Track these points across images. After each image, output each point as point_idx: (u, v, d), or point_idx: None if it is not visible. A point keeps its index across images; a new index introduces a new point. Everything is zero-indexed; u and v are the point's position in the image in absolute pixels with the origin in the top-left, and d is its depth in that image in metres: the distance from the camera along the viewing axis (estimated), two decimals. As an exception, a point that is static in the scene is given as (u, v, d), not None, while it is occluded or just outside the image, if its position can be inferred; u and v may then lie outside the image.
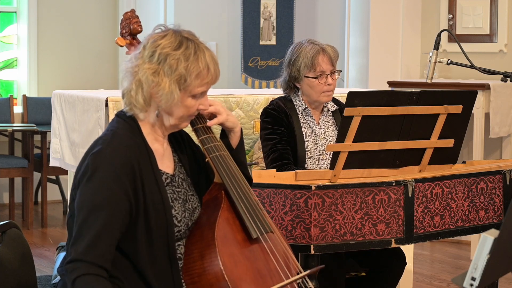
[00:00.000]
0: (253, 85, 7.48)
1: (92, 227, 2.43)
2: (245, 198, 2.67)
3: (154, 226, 2.53)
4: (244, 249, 2.61)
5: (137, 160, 2.52)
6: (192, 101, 2.57)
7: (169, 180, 2.64)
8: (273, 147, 3.94)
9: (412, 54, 7.04)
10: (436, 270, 5.89)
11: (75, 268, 2.41)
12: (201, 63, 2.54)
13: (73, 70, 8.32)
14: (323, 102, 4.01)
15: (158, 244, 2.55)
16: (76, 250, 2.43)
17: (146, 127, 2.60)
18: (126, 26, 3.27)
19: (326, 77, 3.95)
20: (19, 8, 8.19)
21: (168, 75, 2.52)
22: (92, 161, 2.48)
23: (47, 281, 5.36)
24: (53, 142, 4.69)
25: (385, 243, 3.39)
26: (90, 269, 2.41)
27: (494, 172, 3.74)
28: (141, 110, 2.58)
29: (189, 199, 2.68)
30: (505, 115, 6.37)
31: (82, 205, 2.47)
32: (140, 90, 2.54)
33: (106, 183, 2.46)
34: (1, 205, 7.98)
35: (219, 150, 2.69)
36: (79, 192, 2.49)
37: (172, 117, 2.58)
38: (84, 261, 2.41)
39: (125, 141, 2.54)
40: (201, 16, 7.66)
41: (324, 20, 7.75)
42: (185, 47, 2.54)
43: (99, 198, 2.45)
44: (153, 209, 2.54)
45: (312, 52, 3.95)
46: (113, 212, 2.45)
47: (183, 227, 2.63)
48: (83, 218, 2.45)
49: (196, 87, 2.55)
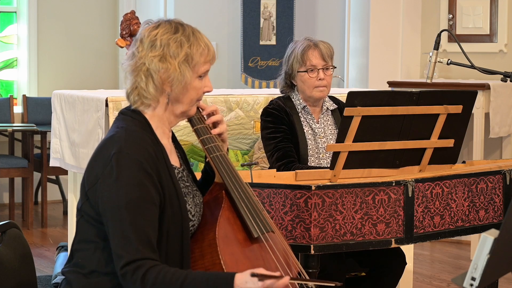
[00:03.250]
0: (253, 85, 7.48)
1: (137, 226, 2.42)
2: (246, 197, 2.67)
3: (171, 221, 2.54)
4: (245, 248, 2.62)
5: (155, 154, 2.53)
6: (199, 82, 2.61)
7: (180, 174, 2.65)
8: (276, 146, 3.96)
9: (412, 54, 7.04)
10: (436, 270, 5.89)
11: (138, 266, 2.40)
12: (202, 42, 2.60)
13: (73, 70, 8.32)
14: (317, 98, 4.02)
15: (173, 240, 2.55)
16: (130, 252, 2.41)
17: (154, 121, 2.61)
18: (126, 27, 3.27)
19: (318, 71, 3.97)
20: (19, 8, 8.19)
21: (175, 57, 2.55)
22: (116, 161, 2.47)
23: (47, 281, 5.36)
24: (53, 142, 4.69)
25: (385, 243, 3.39)
26: (152, 263, 2.41)
27: (494, 172, 3.74)
28: (153, 101, 2.58)
29: (195, 194, 2.69)
30: (505, 115, 6.37)
31: (118, 206, 2.44)
32: (150, 79, 2.56)
33: (137, 180, 2.46)
34: (1, 205, 7.98)
35: (219, 150, 2.69)
36: (108, 194, 2.47)
37: (183, 103, 2.60)
38: (143, 259, 2.41)
39: (140, 136, 2.55)
40: (201, 16, 7.66)
41: (324, 20, 7.75)
42: (182, 30, 2.59)
43: (134, 195, 2.44)
44: (169, 203, 2.54)
45: (303, 47, 4.00)
46: (150, 207, 2.46)
47: (196, 222, 2.64)
48: (123, 218, 2.43)
49: (202, 65, 2.60)
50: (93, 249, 2.53)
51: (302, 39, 4.07)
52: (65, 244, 5.42)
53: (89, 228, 2.55)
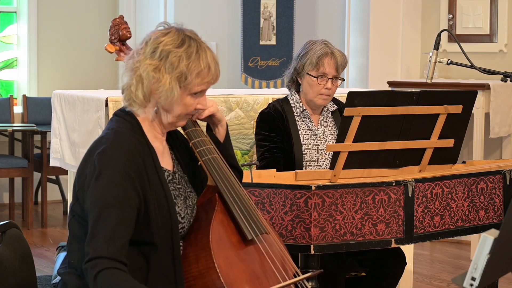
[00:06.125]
0: (253, 85, 7.48)
1: (107, 224, 2.42)
2: (239, 200, 2.66)
3: (159, 223, 2.53)
4: (240, 251, 2.61)
5: (141, 157, 2.53)
6: (191, 99, 2.57)
7: (170, 177, 2.65)
8: (262, 155, 3.98)
9: (412, 54, 7.04)
10: (436, 270, 5.89)
11: (95, 264, 2.40)
12: (203, 62, 2.54)
13: (73, 70, 8.32)
14: (317, 104, 4.02)
15: (162, 243, 2.54)
16: (94, 249, 2.41)
17: (145, 124, 2.61)
18: (115, 32, 3.27)
19: (327, 80, 3.96)
20: (19, 8, 8.19)
21: (169, 72, 2.52)
22: (99, 160, 2.48)
23: (47, 281, 5.36)
24: (53, 142, 4.69)
25: (385, 243, 3.39)
26: (110, 264, 2.40)
27: (494, 172, 3.74)
28: (140, 106, 2.58)
29: (188, 195, 2.68)
30: (505, 115, 6.37)
31: (94, 204, 2.46)
32: (140, 85, 2.55)
33: (116, 180, 2.46)
34: (1, 205, 7.98)
35: (211, 153, 2.69)
36: (89, 193, 2.48)
37: (170, 115, 2.58)
38: (103, 257, 2.40)
39: (128, 138, 2.54)
40: (201, 16, 7.66)
41: (324, 20, 7.75)
42: (188, 45, 2.55)
43: (110, 196, 2.44)
44: (157, 206, 2.54)
45: (321, 52, 3.97)
46: (125, 208, 2.45)
47: (186, 224, 2.63)
48: (96, 216, 2.44)
49: (196, 85, 2.55)
50: (83, 249, 2.53)
51: (320, 42, 4.02)
52: (65, 244, 5.40)
53: (79, 228, 2.55)
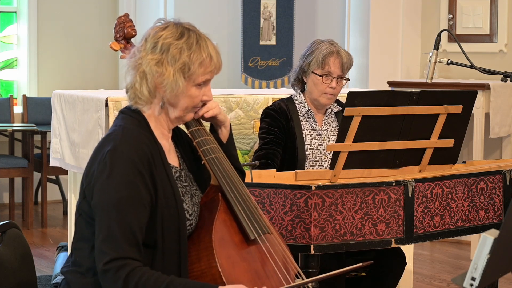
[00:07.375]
0: (253, 85, 7.48)
1: (123, 224, 2.42)
2: (242, 199, 2.66)
3: (167, 220, 2.53)
4: (242, 250, 2.61)
5: (150, 154, 2.53)
6: (196, 90, 2.58)
7: (178, 174, 2.65)
8: (262, 145, 3.98)
9: (412, 54, 7.04)
10: (436, 270, 5.89)
11: (122, 265, 2.39)
12: (204, 52, 2.56)
13: (73, 70, 8.32)
14: (322, 103, 4.02)
15: (170, 240, 2.54)
16: (114, 249, 2.40)
17: (152, 120, 2.61)
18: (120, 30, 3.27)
19: (332, 79, 3.97)
20: (19, 8, 8.19)
21: (172, 64, 2.53)
22: (110, 158, 2.47)
23: (47, 281, 5.36)
24: (53, 142, 4.69)
25: (385, 243, 3.39)
26: (138, 264, 2.41)
27: (494, 172, 3.74)
28: (146, 103, 2.58)
29: (194, 193, 2.68)
30: (505, 115, 6.37)
31: (107, 203, 2.45)
32: (145, 81, 2.55)
33: (128, 179, 2.45)
34: (1, 205, 7.98)
35: (215, 152, 2.68)
36: (99, 191, 2.47)
37: (177, 109, 2.59)
38: (128, 258, 2.40)
39: (136, 134, 2.54)
40: (201, 16, 7.65)
41: (324, 20, 7.75)
42: (187, 36, 2.56)
43: (124, 194, 2.44)
44: (165, 203, 2.54)
45: (326, 51, 4.00)
46: (139, 207, 2.45)
47: (194, 221, 2.63)
48: (111, 215, 2.43)
49: (200, 75, 2.56)
50: (90, 248, 2.53)
51: (326, 41, 4.06)
52: (65, 244, 5.42)
53: (86, 227, 2.55)
